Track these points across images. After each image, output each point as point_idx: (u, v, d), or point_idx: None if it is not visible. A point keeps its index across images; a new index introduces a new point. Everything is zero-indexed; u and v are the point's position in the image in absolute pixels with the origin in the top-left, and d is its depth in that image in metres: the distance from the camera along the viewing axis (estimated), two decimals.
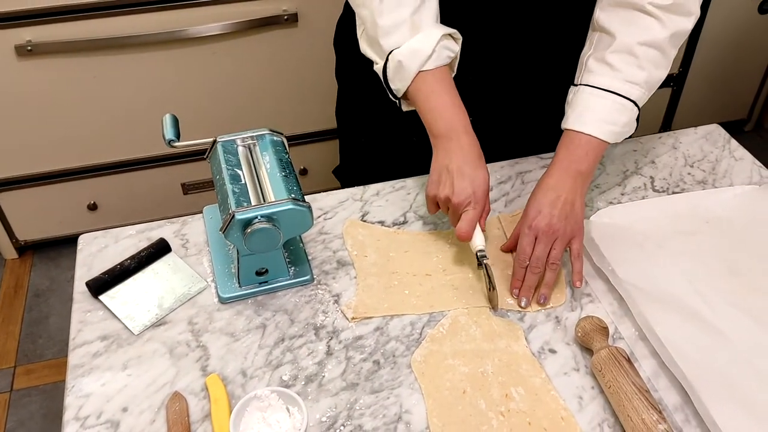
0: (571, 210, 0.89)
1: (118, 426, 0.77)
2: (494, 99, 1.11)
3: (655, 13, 0.88)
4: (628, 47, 0.89)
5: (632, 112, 0.91)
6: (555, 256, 0.88)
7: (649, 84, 0.91)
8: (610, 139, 0.91)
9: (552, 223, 0.88)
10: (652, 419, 0.72)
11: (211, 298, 0.91)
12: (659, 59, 0.90)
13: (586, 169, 0.91)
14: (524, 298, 0.89)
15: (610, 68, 0.90)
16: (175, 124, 0.94)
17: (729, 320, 0.86)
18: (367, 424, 0.77)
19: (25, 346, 1.87)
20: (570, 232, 0.89)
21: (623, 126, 0.91)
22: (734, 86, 2.36)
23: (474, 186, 0.88)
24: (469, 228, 0.88)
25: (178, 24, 1.71)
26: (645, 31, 0.88)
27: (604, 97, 0.90)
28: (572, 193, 0.90)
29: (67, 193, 1.96)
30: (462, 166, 0.89)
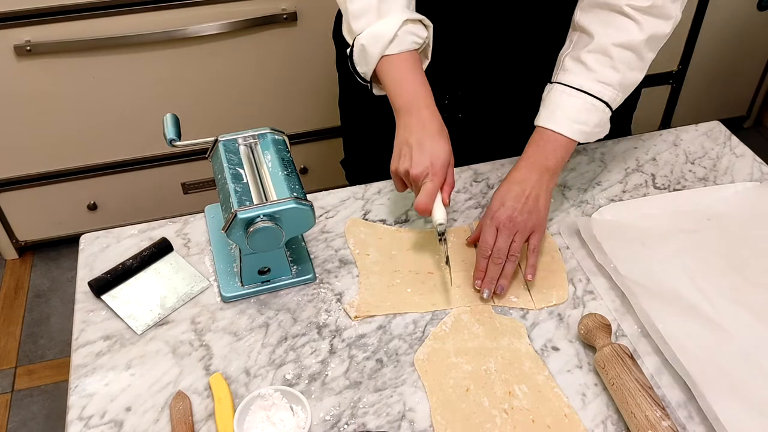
0: (535, 205, 0.90)
1: (122, 425, 0.77)
2: (488, 97, 1.11)
3: (632, 15, 0.88)
4: (604, 48, 0.89)
5: (603, 113, 0.91)
6: (515, 248, 0.89)
7: (623, 86, 0.91)
8: (579, 138, 0.91)
9: (513, 216, 0.89)
10: (656, 416, 0.72)
11: (214, 298, 0.91)
12: (634, 61, 0.90)
13: (553, 165, 0.91)
14: (486, 290, 0.89)
15: (585, 68, 0.90)
16: (176, 124, 0.94)
17: (731, 317, 0.86)
18: (370, 422, 0.77)
19: (26, 347, 1.86)
20: (531, 227, 0.90)
21: (594, 126, 0.91)
22: (733, 83, 2.36)
23: (432, 158, 0.88)
24: (427, 200, 0.87)
25: (177, 23, 1.71)
26: (622, 32, 0.88)
27: (576, 97, 0.90)
28: (537, 188, 0.91)
29: (67, 193, 1.96)
30: (421, 139, 0.89)
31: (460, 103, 1.11)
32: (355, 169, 1.31)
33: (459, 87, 1.09)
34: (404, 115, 0.91)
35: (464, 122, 1.12)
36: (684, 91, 2.28)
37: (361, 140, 1.25)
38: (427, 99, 0.91)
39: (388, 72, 0.92)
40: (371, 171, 1.12)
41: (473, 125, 1.13)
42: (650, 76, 2.33)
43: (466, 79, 1.08)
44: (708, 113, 2.34)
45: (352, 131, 1.27)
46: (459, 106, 1.11)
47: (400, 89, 0.92)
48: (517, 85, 1.09)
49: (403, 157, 0.90)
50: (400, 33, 0.90)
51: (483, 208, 1.04)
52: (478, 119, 1.13)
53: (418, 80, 0.92)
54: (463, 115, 1.11)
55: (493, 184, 1.08)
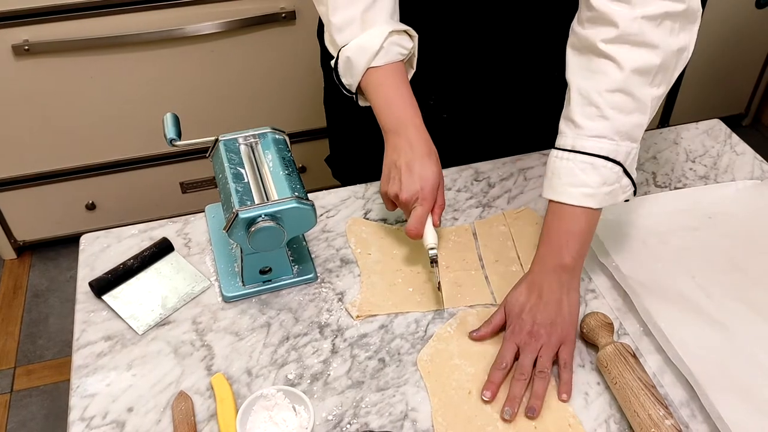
0: (558, 312, 0.81)
1: (124, 426, 0.77)
2: (473, 97, 1.10)
3: (607, 52, 0.79)
4: (587, 97, 0.80)
5: (604, 168, 0.80)
6: (542, 364, 0.79)
7: (621, 133, 0.80)
8: (585, 203, 0.81)
9: (534, 331, 0.80)
10: (659, 415, 0.72)
11: (215, 297, 0.91)
12: (626, 103, 0.79)
13: (570, 261, 0.82)
14: (508, 409, 0.76)
15: (574, 126, 0.82)
16: (176, 123, 0.94)
17: (733, 315, 0.86)
18: (373, 422, 0.77)
19: (24, 347, 1.86)
20: (557, 339, 0.80)
21: (599, 186, 0.81)
22: (732, 81, 2.37)
23: (422, 182, 0.87)
24: (418, 225, 0.86)
25: (175, 23, 1.70)
26: (602, 76, 0.80)
27: (569, 159, 0.82)
28: (557, 291, 0.82)
29: (65, 192, 1.96)
30: (410, 162, 0.87)
31: (445, 104, 1.10)
32: (340, 166, 1.30)
33: (444, 88, 1.09)
34: (392, 137, 0.90)
35: (449, 122, 1.12)
36: (682, 88, 2.28)
37: (346, 138, 1.24)
38: (415, 119, 0.90)
39: (376, 88, 0.91)
40: (357, 168, 1.12)
41: (458, 125, 1.13)
42: None
43: (451, 80, 1.08)
44: (706, 111, 2.34)
45: (337, 129, 1.26)
46: (444, 106, 1.10)
47: (388, 109, 0.90)
48: (502, 85, 1.09)
49: (393, 180, 0.88)
50: (386, 44, 0.89)
51: (484, 207, 1.04)
52: (463, 119, 1.12)
53: (406, 99, 0.90)
54: (448, 115, 1.11)
55: (494, 182, 1.08)
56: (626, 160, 0.82)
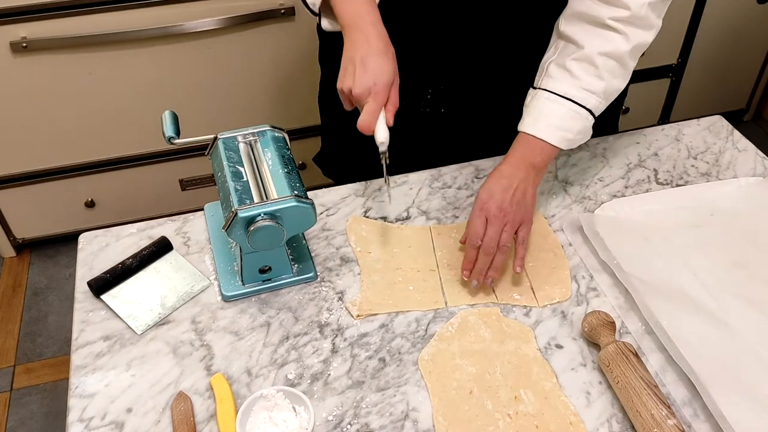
0: (522, 197, 0.91)
1: (123, 427, 0.76)
2: (471, 92, 1.09)
3: (616, 27, 0.88)
4: (589, 57, 0.89)
5: (587, 120, 0.92)
6: (505, 239, 0.89)
7: (607, 93, 0.91)
8: (562, 145, 0.92)
9: (503, 207, 0.89)
10: (661, 414, 0.72)
11: (214, 297, 0.91)
12: (618, 70, 0.91)
13: (539, 162, 0.92)
14: (475, 280, 0.89)
15: (570, 75, 0.90)
16: (174, 121, 0.93)
17: (735, 312, 0.86)
18: (374, 422, 0.77)
19: (24, 345, 1.86)
20: (520, 218, 0.90)
21: (577, 133, 0.92)
22: (733, 76, 2.36)
23: (375, 78, 0.87)
24: (369, 119, 0.86)
25: (173, 19, 1.70)
26: (607, 42, 0.89)
27: (560, 104, 0.90)
28: (524, 182, 0.91)
29: (65, 190, 1.95)
30: (365, 57, 0.87)
31: (443, 98, 1.09)
32: (332, 164, 1.30)
33: (442, 82, 1.08)
34: (350, 32, 0.90)
35: (447, 117, 1.11)
36: (684, 84, 2.27)
37: (340, 136, 1.23)
38: (372, 15, 0.90)
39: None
40: (350, 167, 1.11)
41: (456, 120, 1.12)
42: (650, 69, 2.33)
43: (449, 74, 1.07)
44: (707, 106, 2.33)
45: (331, 127, 1.26)
46: (442, 100, 1.10)
47: (347, 6, 0.91)
48: (500, 80, 1.08)
49: (347, 75, 0.89)
50: None
51: None
52: (461, 114, 1.12)
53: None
54: (446, 110, 1.10)
55: None
56: (597, 115, 0.93)
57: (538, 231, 0.99)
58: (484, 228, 0.89)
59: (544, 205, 1.04)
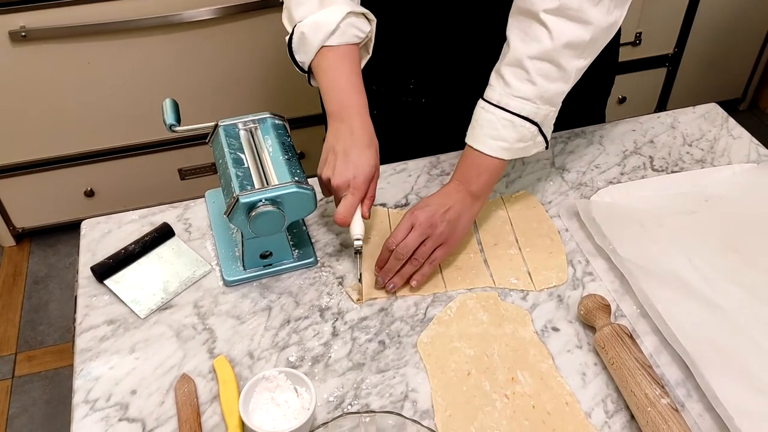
0: (456, 220, 0.88)
1: (128, 408, 0.78)
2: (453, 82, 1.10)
3: (546, 21, 0.83)
4: (519, 60, 0.85)
5: (523, 127, 0.87)
6: (421, 252, 0.87)
7: (544, 98, 0.86)
8: (501, 155, 0.89)
9: (432, 219, 0.87)
10: (655, 394, 0.73)
11: (216, 282, 0.92)
12: (552, 72, 0.85)
13: (476, 190, 0.90)
14: (381, 278, 0.89)
15: (503, 82, 0.87)
16: (175, 109, 0.94)
17: (728, 296, 0.87)
18: (374, 402, 0.78)
19: (25, 333, 1.87)
20: (444, 237, 0.88)
21: (515, 142, 0.88)
22: (729, 66, 2.37)
23: (356, 171, 0.86)
24: (345, 213, 0.86)
25: (173, 8, 1.70)
26: (535, 43, 0.84)
27: (492, 112, 0.87)
28: (462, 206, 0.89)
29: (64, 179, 1.96)
30: (348, 149, 0.87)
31: (425, 88, 1.10)
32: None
33: (424, 71, 1.08)
34: (335, 121, 0.90)
35: (428, 107, 1.12)
36: (680, 73, 2.28)
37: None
38: (360, 107, 0.90)
39: (325, 70, 0.91)
40: None
41: (437, 110, 1.13)
42: (646, 58, 2.34)
43: (431, 64, 1.08)
44: (704, 96, 2.35)
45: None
46: (424, 90, 1.10)
47: (335, 93, 0.90)
48: (483, 71, 1.09)
49: (328, 165, 0.88)
50: (343, 25, 0.89)
51: None
52: (443, 104, 1.12)
53: (354, 85, 0.91)
54: (427, 99, 1.11)
55: None
56: (543, 122, 0.89)
57: (534, 217, 1.00)
58: (406, 234, 0.87)
59: (541, 191, 1.05)
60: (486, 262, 0.94)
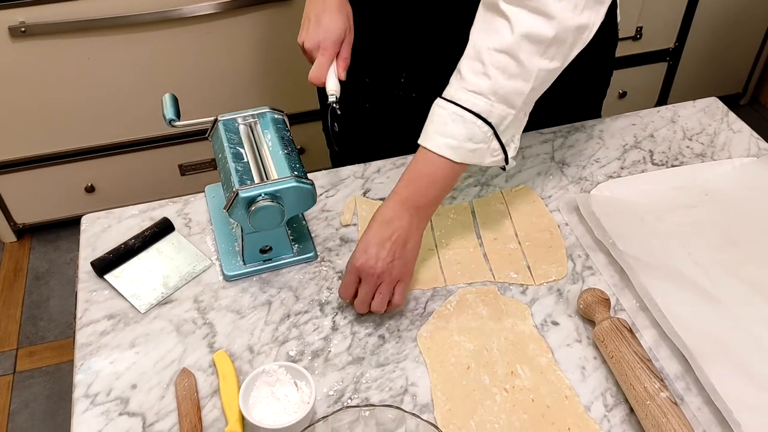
0: (401, 251, 0.83)
1: (128, 403, 0.78)
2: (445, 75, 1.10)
3: (505, 12, 0.78)
4: (477, 52, 0.80)
5: (473, 124, 0.80)
6: (377, 304, 0.83)
7: (499, 95, 0.79)
8: (447, 154, 0.81)
9: (376, 267, 0.81)
10: (654, 387, 0.73)
11: (216, 276, 0.92)
12: (510, 67, 0.78)
13: (425, 203, 0.83)
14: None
15: (459, 77, 0.82)
16: (174, 104, 0.94)
17: (728, 290, 0.87)
18: (373, 396, 0.78)
19: (26, 329, 1.87)
20: (396, 276, 0.83)
21: (464, 140, 0.81)
22: (730, 60, 2.36)
23: (326, 33, 0.91)
24: (317, 72, 0.90)
25: (172, 3, 1.70)
26: (495, 35, 0.79)
27: (444, 107, 0.82)
28: (407, 230, 0.83)
29: (64, 175, 1.96)
30: (319, 14, 0.92)
31: (416, 83, 1.10)
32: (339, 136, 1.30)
33: (415, 65, 1.08)
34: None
35: (419, 102, 1.12)
36: (681, 68, 2.28)
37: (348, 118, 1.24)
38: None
39: None
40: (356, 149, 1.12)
41: (428, 105, 1.12)
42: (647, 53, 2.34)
43: (421, 59, 1.07)
44: (704, 90, 2.34)
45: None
46: (414, 85, 1.10)
47: None
48: None
49: (303, 31, 0.93)
50: None
51: (482, 186, 1.05)
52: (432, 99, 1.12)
53: None
54: (418, 94, 1.11)
55: None
56: (499, 124, 0.82)
57: (534, 211, 1.00)
58: (356, 286, 0.83)
59: (541, 185, 1.05)
60: (485, 256, 0.94)
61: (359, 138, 1.14)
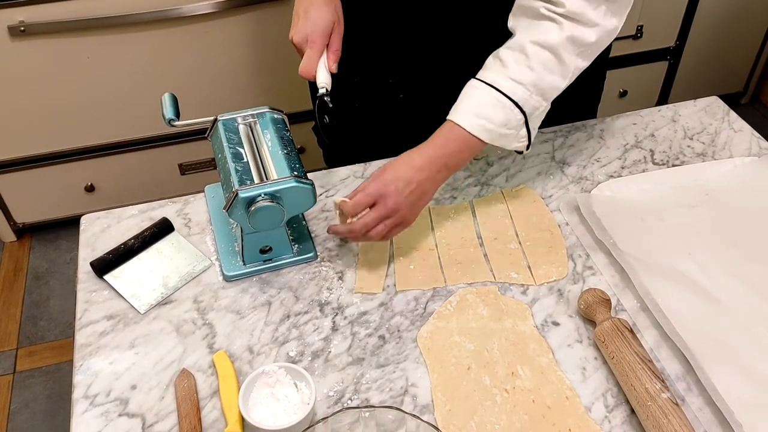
0: (418, 199, 0.87)
1: (128, 403, 0.78)
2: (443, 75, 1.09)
3: (551, 17, 0.84)
4: (521, 45, 0.85)
5: (511, 111, 0.86)
6: (377, 232, 0.86)
7: (538, 87, 0.86)
8: (480, 134, 0.86)
9: (397, 200, 0.85)
10: (655, 388, 0.73)
11: (216, 277, 0.92)
12: (552, 63, 0.85)
13: (453, 164, 0.89)
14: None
15: (501, 64, 0.86)
16: (174, 103, 0.94)
17: (728, 290, 0.87)
18: (374, 397, 0.78)
19: (26, 329, 1.87)
20: (402, 218, 0.87)
21: (499, 125, 0.86)
22: (730, 59, 2.36)
23: (314, 25, 0.90)
24: (307, 65, 0.90)
25: (172, 2, 1.69)
26: (540, 31, 0.85)
27: (483, 90, 0.86)
28: (431, 184, 0.88)
29: (64, 174, 1.96)
30: (307, 8, 0.91)
31: (404, 84, 1.10)
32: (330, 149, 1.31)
33: (403, 67, 1.08)
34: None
35: (406, 103, 1.12)
36: (681, 67, 2.27)
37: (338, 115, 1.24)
38: None
39: None
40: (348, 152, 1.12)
41: (416, 106, 1.12)
42: (647, 52, 2.33)
43: (410, 60, 1.07)
44: (705, 89, 2.33)
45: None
46: (402, 86, 1.10)
47: None
48: (460, 65, 1.08)
49: (293, 26, 0.93)
50: None
51: (482, 185, 1.05)
52: (422, 100, 1.12)
53: None
54: (405, 95, 1.10)
55: (492, 161, 1.09)
56: (532, 113, 0.88)
57: (535, 211, 1.00)
58: (364, 208, 0.86)
59: (541, 185, 1.05)
60: (486, 256, 0.94)
61: (349, 137, 1.14)
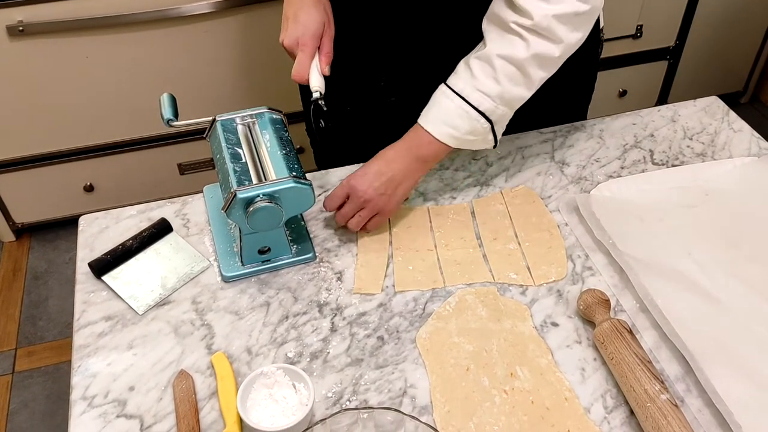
0: (393, 191, 0.92)
1: (126, 405, 0.78)
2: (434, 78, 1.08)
3: (520, 32, 0.85)
4: (489, 57, 0.87)
5: (477, 122, 0.89)
6: (355, 223, 0.93)
7: (504, 99, 0.88)
8: (448, 141, 0.90)
9: (367, 192, 0.90)
10: (655, 389, 0.73)
11: (214, 277, 0.92)
12: (518, 77, 0.87)
13: (426, 155, 0.92)
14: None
15: (470, 73, 0.88)
16: (172, 103, 0.94)
17: (728, 290, 0.87)
18: (372, 398, 0.78)
19: (25, 329, 1.87)
20: (378, 207, 0.92)
21: (465, 133, 0.90)
22: (730, 59, 2.36)
23: (304, 29, 0.90)
24: (299, 69, 0.90)
25: (170, 2, 1.69)
26: (508, 46, 0.86)
27: (452, 99, 0.89)
28: (403, 174, 0.92)
29: (63, 174, 1.96)
30: (297, 11, 0.91)
31: (395, 86, 1.10)
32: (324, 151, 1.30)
33: (394, 70, 1.08)
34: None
35: (397, 106, 1.11)
36: (681, 66, 2.27)
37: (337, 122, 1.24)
38: None
39: None
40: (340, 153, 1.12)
41: (407, 109, 1.12)
42: (647, 51, 2.33)
43: (401, 62, 1.07)
44: (705, 89, 2.33)
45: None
46: (394, 89, 1.10)
47: None
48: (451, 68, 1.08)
49: (283, 30, 0.93)
50: None
51: (482, 186, 1.04)
52: (413, 102, 1.12)
53: None
54: (397, 98, 1.10)
55: (492, 161, 1.09)
56: (498, 121, 0.91)
57: (534, 211, 1.00)
58: (342, 201, 0.93)
59: (541, 185, 1.04)
60: (485, 256, 0.94)
61: (341, 139, 1.14)
